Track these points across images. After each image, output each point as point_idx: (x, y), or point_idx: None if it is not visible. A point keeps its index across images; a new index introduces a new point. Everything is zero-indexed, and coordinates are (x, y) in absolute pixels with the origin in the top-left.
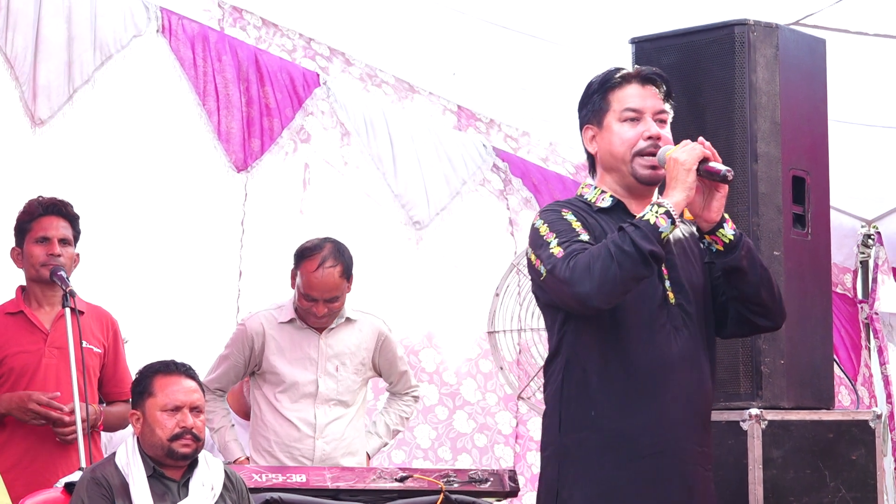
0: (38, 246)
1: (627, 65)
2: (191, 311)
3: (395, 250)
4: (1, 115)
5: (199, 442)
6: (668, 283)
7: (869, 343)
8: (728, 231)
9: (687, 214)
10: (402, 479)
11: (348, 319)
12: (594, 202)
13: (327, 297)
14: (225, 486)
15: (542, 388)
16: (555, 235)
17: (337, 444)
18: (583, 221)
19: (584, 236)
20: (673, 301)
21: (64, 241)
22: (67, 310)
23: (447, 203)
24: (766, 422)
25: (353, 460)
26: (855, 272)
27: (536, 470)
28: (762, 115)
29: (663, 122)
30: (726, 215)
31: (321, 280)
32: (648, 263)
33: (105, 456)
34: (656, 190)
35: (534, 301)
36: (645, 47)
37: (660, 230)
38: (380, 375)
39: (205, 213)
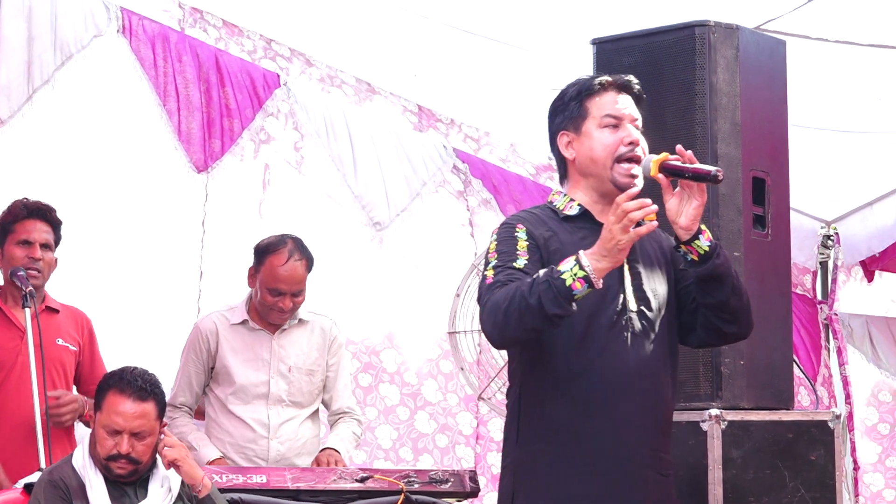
0: (20, 248)
1: (589, 66)
2: (152, 312)
3: (356, 251)
4: None
5: (137, 465)
6: (629, 291)
7: (828, 344)
8: (703, 242)
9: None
10: (362, 480)
11: (301, 320)
12: (562, 210)
13: (294, 290)
14: (183, 486)
15: (502, 389)
16: (496, 257)
17: (291, 445)
18: (535, 238)
19: (522, 261)
20: (634, 309)
21: (45, 246)
22: (27, 311)
23: (407, 204)
24: (725, 422)
25: (308, 461)
26: (814, 273)
27: (497, 471)
28: (722, 116)
29: (637, 129)
30: (702, 226)
31: (290, 273)
32: (551, 323)
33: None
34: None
35: None
36: (606, 48)
37: (573, 293)
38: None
39: (165, 213)
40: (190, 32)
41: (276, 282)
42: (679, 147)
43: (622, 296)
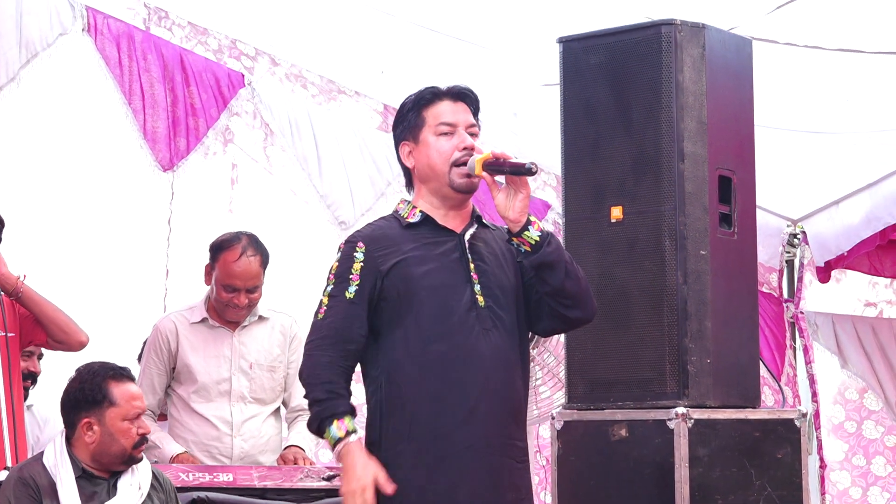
0: None
1: (556, 65)
2: (118, 311)
3: (322, 250)
4: None
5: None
6: (477, 288)
7: (794, 342)
8: (533, 233)
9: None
10: (329, 479)
11: (261, 317)
12: (405, 217)
13: (249, 285)
14: (153, 485)
15: None
16: (333, 281)
17: (255, 442)
18: (372, 259)
19: (353, 288)
20: (482, 304)
21: None
22: None
23: (372, 204)
24: (692, 420)
25: (271, 458)
26: (780, 271)
27: None
28: (689, 115)
29: (474, 135)
30: (532, 217)
31: (244, 269)
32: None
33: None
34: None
35: None
36: (573, 47)
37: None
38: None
39: (131, 212)
40: (155, 32)
41: (231, 278)
42: (492, 150)
43: (470, 293)
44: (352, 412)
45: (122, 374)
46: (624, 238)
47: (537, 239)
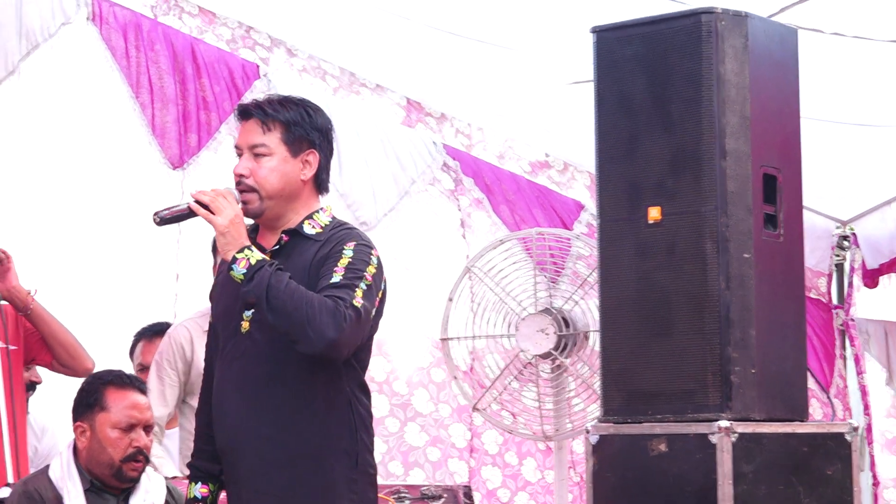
0: None
1: (587, 58)
2: (126, 316)
3: None
4: None
5: (147, 463)
6: (247, 314)
7: (844, 351)
8: (237, 271)
9: None
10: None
11: None
12: None
13: None
14: (167, 501)
15: (498, 400)
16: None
17: None
18: (214, 287)
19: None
20: (245, 331)
21: None
22: None
23: (395, 203)
24: (736, 434)
25: None
26: (829, 276)
27: (492, 485)
28: (731, 109)
29: (261, 154)
30: (240, 254)
31: None
32: None
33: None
34: None
35: (487, 307)
36: (607, 37)
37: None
38: None
39: (139, 212)
40: (164, 20)
41: None
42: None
43: (238, 319)
44: None
45: (127, 382)
46: (662, 240)
47: (241, 277)
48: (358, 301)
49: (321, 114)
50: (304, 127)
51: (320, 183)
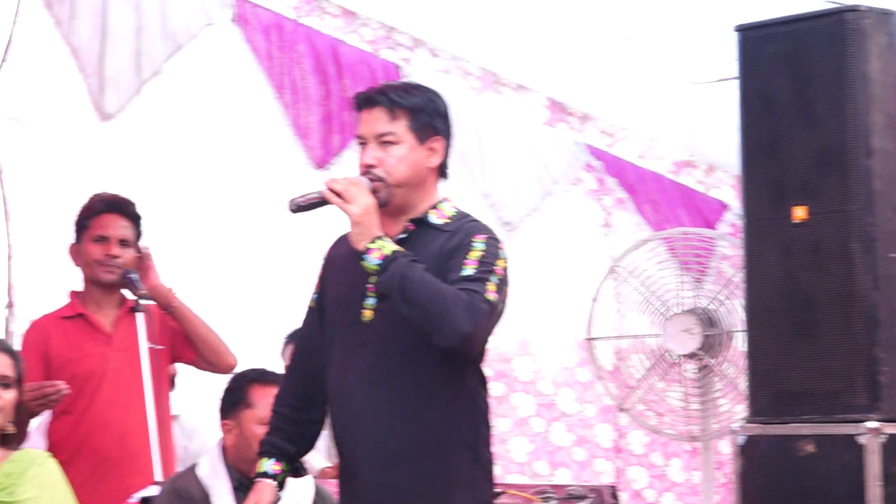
0: (96, 245)
1: (730, 57)
2: (267, 315)
3: None
4: (67, 109)
5: None
6: (370, 302)
7: None
8: (371, 261)
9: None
10: (495, 496)
11: None
12: None
13: None
14: (315, 502)
15: (643, 399)
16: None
17: None
18: (326, 263)
19: (314, 297)
20: (367, 319)
21: (124, 242)
22: (140, 315)
23: (538, 203)
24: (885, 435)
25: None
26: None
27: (638, 486)
28: (876, 108)
29: (389, 143)
30: (376, 244)
31: None
32: None
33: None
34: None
35: (632, 307)
36: (750, 36)
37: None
38: None
39: (284, 213)
40: (306, 21)
41: None
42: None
43: (359, 307)
44: None
45: (271, 379)
46: (808, 240)
47: (375, 268)
48: (491, 295)
49: (442, 99)
50: (429, 113)
51: (443, 170)
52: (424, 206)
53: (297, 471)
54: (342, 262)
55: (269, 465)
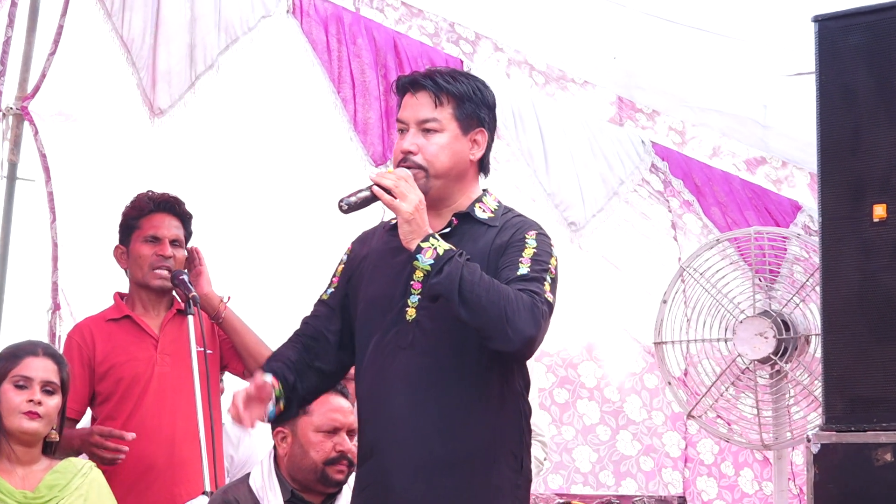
0: (147, 245)
1: (807, 49)
2: None
3: None
4: (118, 104)
5: (353, 468)
6: (414, 300)
7: None
8: (423, 261)
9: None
10: None
11: None
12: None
13: None
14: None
15: (714, 407)
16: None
17: None
18: (353, 260)
19: (329, 290)
20: (411, 318)
21: (175, 242)
22: (191, 318)
23: (604, 204)
24: None
25: None
26: None
27: (707, 497)
28: None
29: (431, 130)
30: (427, 243)
31: None
32: None
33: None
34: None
35: (702, 310)
36: (829, 26)
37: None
38: None
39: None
40: (366, 13)
41: None
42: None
43: (402, 305)
44: None
45: None
46: (888, 239)
47: (427, 268)
48: (549, 295)
49: (490, 90)
50: (476, 103)
51: (485, 164)
52: (464, 199)
53: (287, 410)
54: (377, 258)
55: (269, 376)
